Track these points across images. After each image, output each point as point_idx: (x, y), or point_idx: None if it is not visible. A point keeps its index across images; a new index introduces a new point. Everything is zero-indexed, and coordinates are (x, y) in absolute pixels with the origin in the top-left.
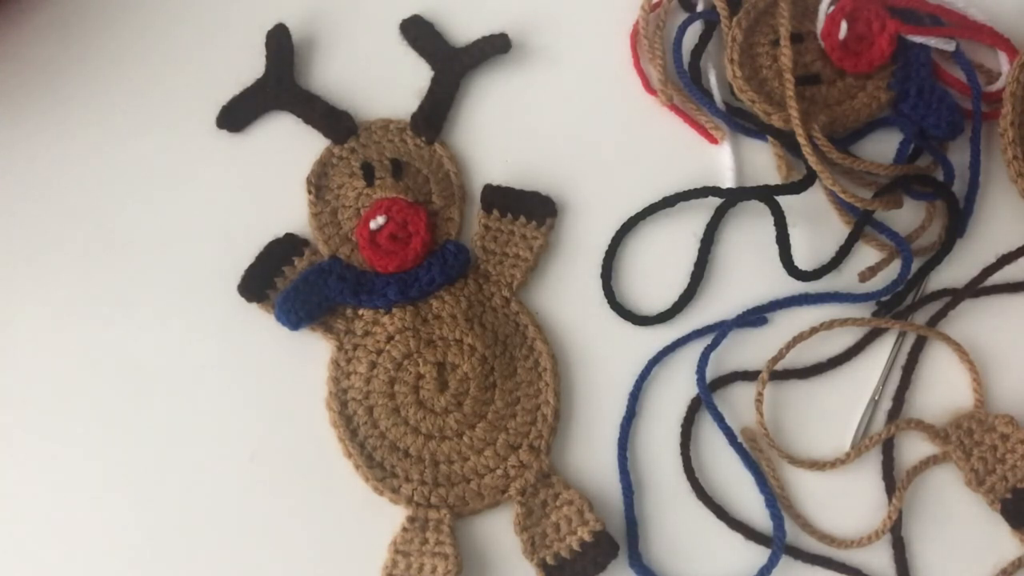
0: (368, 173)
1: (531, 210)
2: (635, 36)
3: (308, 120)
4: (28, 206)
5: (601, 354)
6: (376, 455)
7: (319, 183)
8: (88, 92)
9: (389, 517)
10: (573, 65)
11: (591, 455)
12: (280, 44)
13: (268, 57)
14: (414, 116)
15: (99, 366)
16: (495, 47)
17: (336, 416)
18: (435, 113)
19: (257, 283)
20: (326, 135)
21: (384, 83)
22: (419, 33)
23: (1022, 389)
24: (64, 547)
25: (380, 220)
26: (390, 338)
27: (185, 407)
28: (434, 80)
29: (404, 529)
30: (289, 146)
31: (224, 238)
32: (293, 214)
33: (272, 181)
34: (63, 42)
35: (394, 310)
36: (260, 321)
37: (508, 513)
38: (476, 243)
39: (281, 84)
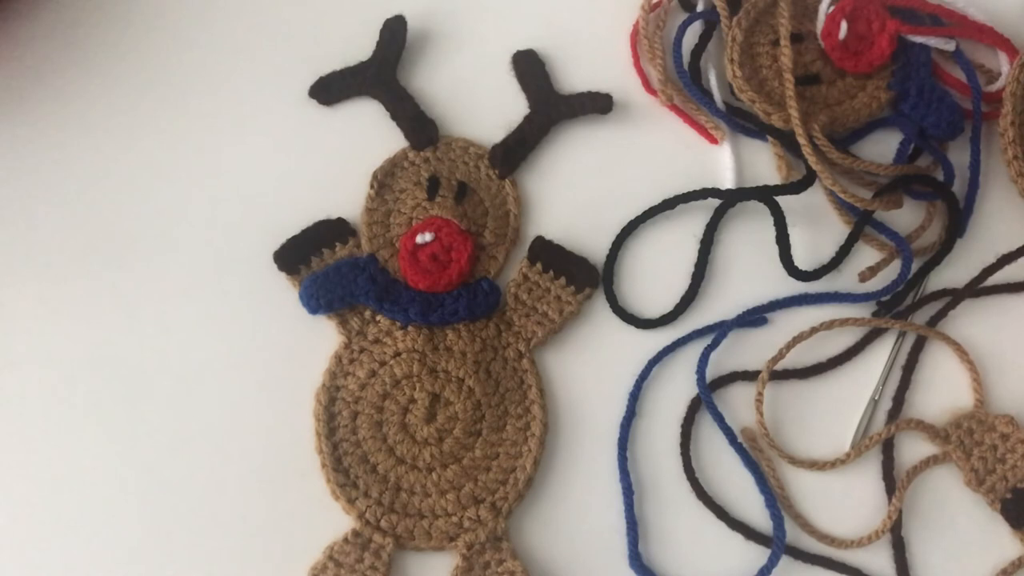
0: (433, 187)
1: (573, 275)
2: (635, 36)
3: (395, 117)
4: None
5: (601, 354)
6: (345, 460)
7: (384, 181)
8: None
9: (335, 523)
10: (574, 65)
11: (590, 455)
12: (394, 35)
13: (379, 44)
14: (495, 147)
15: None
16: (596, 105)
17: (321, 409)
18: (516, 151)
19: (294, 255)
20: (407, 137)
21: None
22: (529, 69)
23: (1022, 389)
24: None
25: (427, 237)
26: (397, 354)
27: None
28: (527, 118)
29: (346, 540)
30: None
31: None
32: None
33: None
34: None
35: (410, 328)
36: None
37: (448, 562)
38: (510, 289)
39: (382, 74)
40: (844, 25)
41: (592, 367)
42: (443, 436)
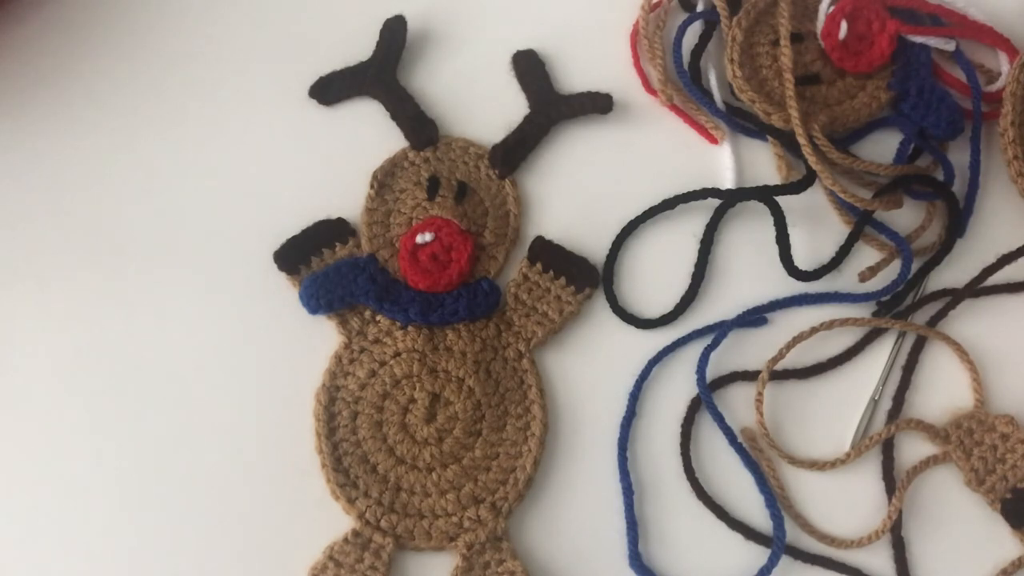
0: (433, 187)
1: (573, 275)
2: (635, 36)
3: (395, 117)
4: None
5: (601, 354)
6: (345, 460)
7: (384, 181)
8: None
9: (335, 523)
10: (574, 65)
11: (590, 455)
12: (394, 35)
13: (378, 44)
14: (495, 147)
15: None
16: (596, 105)
17: (321, 409)
18: (516, 151)
19: (294, 255)
20: (407, 137)
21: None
22: (528, 68)
23: (1022, 389)
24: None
25: (427, 237)
26: (397, 354)
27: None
28: (527, 118)
29: (346, 540)
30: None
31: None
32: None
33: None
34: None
35: (410, 328)
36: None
37: (448, 562)
38: (510, 289)
39: (382, 74)
40: (844, 25)
41: (592, 367)
42: (443, 436)
